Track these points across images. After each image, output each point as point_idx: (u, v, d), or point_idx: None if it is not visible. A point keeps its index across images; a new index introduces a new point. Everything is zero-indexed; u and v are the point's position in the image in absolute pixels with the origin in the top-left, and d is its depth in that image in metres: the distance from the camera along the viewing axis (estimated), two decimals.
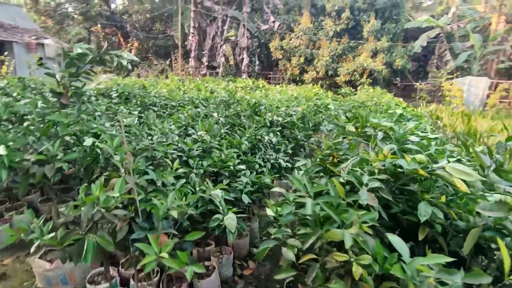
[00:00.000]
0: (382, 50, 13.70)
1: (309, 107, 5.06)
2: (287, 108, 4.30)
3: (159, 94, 6.71)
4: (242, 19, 18.13)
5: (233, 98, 6.46)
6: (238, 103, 4.37)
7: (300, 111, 4.28)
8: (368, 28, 13.82)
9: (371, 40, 13.93)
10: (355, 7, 14.05)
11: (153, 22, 20.03)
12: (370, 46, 13.74)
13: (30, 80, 6.79)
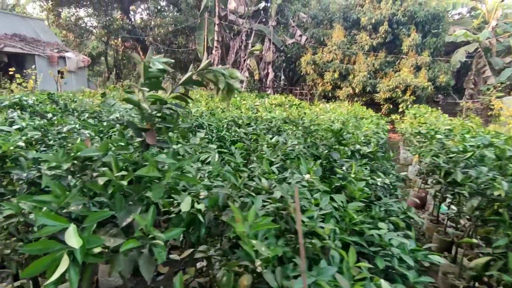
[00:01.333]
0: (424, 65, 13.00)
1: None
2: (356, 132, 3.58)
3: (200, 112, 6.15)
4: (267, 33, 17.90)
5: (302, 120, 5.79)
6: (315, 128, 3.67)
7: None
8: (409, 42, 13.20)
9: (412, 54, 13.27)
10: (394, 20, 13.52)
11: (175, 36, 20.12)
12: (411, 61, 13.07)
13: (59, 96, 6.35)
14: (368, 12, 13.78)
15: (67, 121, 4.10)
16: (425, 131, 5.11)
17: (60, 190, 1.45)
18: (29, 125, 2.86)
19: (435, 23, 13.96)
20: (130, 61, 29.34)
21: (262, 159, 2.79)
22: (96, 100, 7.39)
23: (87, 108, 5.54)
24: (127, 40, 24.58)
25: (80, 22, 27.13)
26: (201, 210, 1.60)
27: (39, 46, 20.87)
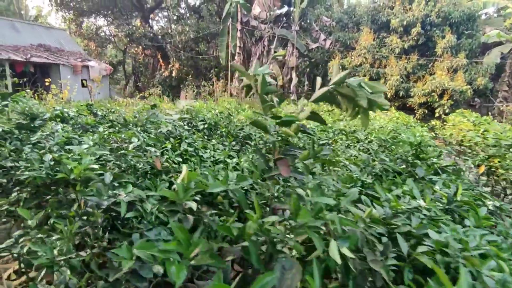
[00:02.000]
0: (460, 68, 12.41)
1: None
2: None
3: (241, 122, 5.91)
4: (291, 38, 17.70)
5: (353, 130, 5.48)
6: (393, 142, 3.34)
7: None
8: (443, 44, 12.65)
9: (447, 57, 12.71)
10: (427, 22, 13.02)
11: (196, 43, 20.23)
12: (446, 63, 12.51)
13: (98, 107, 6.27)
14: (399, 14, 13.34)
15: (117, 135, 3.94)
16: (493, 139, 4.70)
17: (184, 235, 1.21)
18: (96, 144, 2.68)
19: (469, 24, 13.36)
20: (147, 69, 29.83)
21: (353, 180, 2.50)
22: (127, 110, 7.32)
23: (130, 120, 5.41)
24: (147, 47, 24.97)
25: (101, 31, 27.86)
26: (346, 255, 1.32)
27: (63, 56, 21.47)
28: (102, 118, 5.97)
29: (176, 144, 3.68)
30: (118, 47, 27.80)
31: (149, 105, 5.90)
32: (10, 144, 3.16)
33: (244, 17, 17.91)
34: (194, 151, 3.77)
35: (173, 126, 3.86)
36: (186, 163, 3.51)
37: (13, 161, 3.16)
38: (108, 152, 2.45)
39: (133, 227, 2.25)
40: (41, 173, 2.42)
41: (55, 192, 2.56)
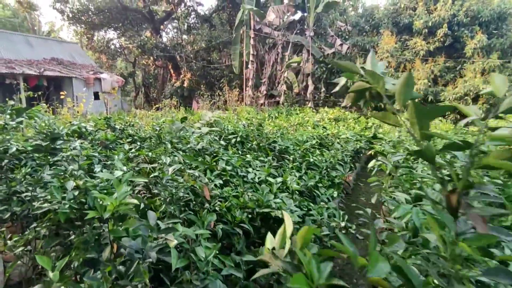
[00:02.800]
0: (492, 69, 11.71)
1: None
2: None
3: (274, 134, 5.41)
4: (305, 44, 17.30)
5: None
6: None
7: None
8: (473, 44, 12.01)
9: (478, 58, 12.04)
10: (454, 22, 12.44)
11: (208, 52, 20.06)
12: (477, 65, 11.83)
13: (115, 120, 5.87)
14: (422, 15, 12.80)
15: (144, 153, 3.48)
16: None
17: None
18: (129, 169, 2.20)
19: (500, 23, 12.71)
20: (157, 80, 29.90)
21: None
22: (146, 123, 6.91)
23: (153, 134, 4.97)
24: (158, 58, 25.02)
25: (111, 44, 28.17)
26: None
27: (75, 69, 21.62)
28: (121, 132, 5.58)
29: (213, 162, 3.19)
30: (128, 59, 27.99)
31: (172, 118, 5.47)
32: (25, 166, 2.72)
33: (257, 24, 17.65)
34: (232, 170, 3.27)
35: (207, 142, 3.38)
36: (227, 185, 3.01)
37: (28, 188, 2.72)
38: (145, 179, 1.97)
39: (183, 281, 1.74)
40: (63, 207, 1.95)
41: (80, 230, 2.09)
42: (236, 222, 2.37)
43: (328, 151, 5.31)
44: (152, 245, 1.57)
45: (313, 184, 3.61)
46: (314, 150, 5.04)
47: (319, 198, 3.60)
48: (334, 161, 4.69)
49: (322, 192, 3.65)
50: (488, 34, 12.61)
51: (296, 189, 3.13)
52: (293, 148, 4.54)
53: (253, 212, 2.60)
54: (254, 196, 2.73)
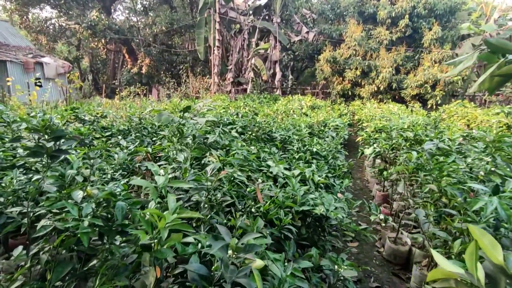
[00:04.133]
0: (445, 59, 12.71)
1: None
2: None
3: (268, 123, 5.15)
4: (273, 31, 17.05)
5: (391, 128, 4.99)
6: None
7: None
8: (430, 35, 12.85)
9: (435, 48, 12.95)
10: (414, 14, 13.14)
11: (168, 36, 18.73)
12: (434, 55, 12.73)
13: (86, 111, 5.12)
14: (386, 5, 13.31)
15: (144, 149, 2.99)
16: None
17: None
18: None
19: (451, 16, 13.78)
20: (107, 65, 27.39)
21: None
22: (122, 113, 6.16)
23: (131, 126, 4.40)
24: (109, 42, 22.73)
25: (52, 23, 24.95)
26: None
27: (9, 51, 18.69)
28: (91, 124, 4.88)
29: (229, 157, 2.85)
30: (71, 42, 25.06)
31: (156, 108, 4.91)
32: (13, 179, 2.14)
33: (222, 8, 16.86)
34: (250, 164, 2.97)
35: (219, 134, 3.01)
36: (250, 181, 2.70)
37: (19, 200, 2.14)
38: (189, 185, 1.59)
39: None
40: (83, 225, 1.51)
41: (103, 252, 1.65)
42: (282, 225, 2.11)
43: (319, 139, 5.22)
44: (232, 268, 1.24)
45: (329, 175, 3.47)
46: (311, 139, 4.91)
47: (335, 189, 3.47)
48: (334, 149, 4.61)
49: (337, 182, 3.53)
50: (442, 26, 13.61)
51: (322, 182, 2.94)
52: (294, 138, 4.35)
53: (291, 211, 2.35)
54: (287, 193, 2.47)
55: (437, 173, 2.56)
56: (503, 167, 2.52)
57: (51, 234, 1.79)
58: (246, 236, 1.33)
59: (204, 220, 1.87)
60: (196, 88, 17.85)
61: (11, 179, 2.49)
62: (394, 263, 3.60)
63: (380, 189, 5.58)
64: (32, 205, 1.68)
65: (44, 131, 1.60)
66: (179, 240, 1.53)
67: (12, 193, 2.20)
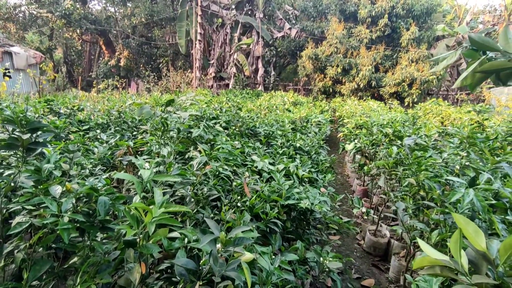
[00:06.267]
0: (422, 58, 13.20)
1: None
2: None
3: (251, 118, 5.15)
4: (255, 26, 16.97)
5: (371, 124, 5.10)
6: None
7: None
8: (408, 35, 13.28)
9: (412, 48, 13.40)
10: (393, 14, 13.51)
11: (148, 28, 18.17)
12: (411, 54, 13.18)
13: (62, 103, 4.90)
14: (367, 5, 13.60)
15: (125, 143, 2.89)
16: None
17: None
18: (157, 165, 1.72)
19: (428, 17, 14.30)
20: (82, 57, 26.24)
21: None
22: (100, 106, 5.92)
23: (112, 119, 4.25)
24: (85, 32, 21.73)
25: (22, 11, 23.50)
26: None
27: None
28: (67, 117, 4.66)
29: (213, 151, 2.81)
30: (43, 31, 23.75)
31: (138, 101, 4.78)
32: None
33: (204, 1, 16.57)
34: (235, 159, 2.95)
35: (204, 128, 2.97)
36: (236, 175, 2.69)
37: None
38: (176, 178, 1.56)
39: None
40: (63, 221, 1.44)
41: (84, 249, 1.58)
42: (269, 219, 2.12)
43: (301, 134, 5.29)
44: (220, 261, 1.23)
45: (313, 170, 3.52)
46: (294, 134, 4.95)
47: (318, 184, 3.52)
48: (317, 145, 4.68)
49: (320, 177, 3.59)
50: (419, 26, 14.11)
51: (306, 176, 2.98)
52: (278, 133, 4.37)
53: (276, 205, 2.37)
54: (272, 187, 2.49)
55: (415, 167, 2.65)
56: (476, 161, 2.66)
57: (26, 232, 1.71)
58: (235, 230, 1.32)
59: (190, 215, 1.85)
60: (177, 83, 17.49)
61: None
62: (374, 254, 3.73)
63: (360, 184, 5.73)
64: (5, 201, 1.58)
65: (19, 122, 1.50)
66: (165, 235, 1.50)
67: None
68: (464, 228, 0.84)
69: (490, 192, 1.95)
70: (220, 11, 17.26)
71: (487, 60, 1.11)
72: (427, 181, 2.35)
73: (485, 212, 1.73)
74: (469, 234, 0.83)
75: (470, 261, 0.87)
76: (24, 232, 1.70)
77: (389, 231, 3.81)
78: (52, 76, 6.97)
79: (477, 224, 1.79)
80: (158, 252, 1.63)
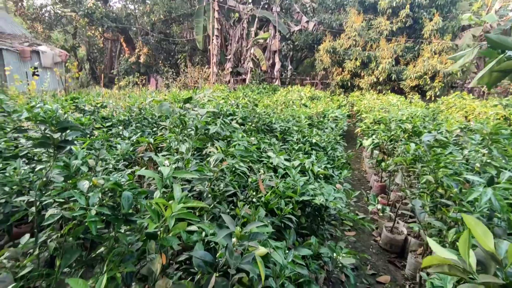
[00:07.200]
0: (446, 50, 12.66)
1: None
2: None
3: (268, 114, 5.17)
4: (272, 20, 16.84)
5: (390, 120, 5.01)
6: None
7: None
8: (431, 26, 12.75)
9: (435, 39, 12.87)
10: (415, 4, 13.00)
11: (166, 25, 18.45)
12: (434, 46, 12.66)
13: (86, 101, 5.11)
14: None
15: (146, 140, 3.01)
16: None
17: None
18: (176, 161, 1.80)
19: (453, 7, 13.65)
20: (104, 54, 27.01)
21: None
22: (121, 103, 6.14)
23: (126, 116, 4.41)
24: (107, 30, 22.37)
25: (47, 10, 24.46)
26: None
27: (4, 39, 18.39)
28: (91, 114, 4.87)
29: (230, 148, 2.88)
30: (67, 30, 24.63)
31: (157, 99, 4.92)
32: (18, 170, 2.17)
33: None
34: (251, 155, 3.00)
35: (220, 125, 3.04)
36: (251, 171, 2.74)
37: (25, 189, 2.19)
38: (194, 175, 1.63)
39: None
40: (91, 214, 1.55)
41: (110, 240, 1.69)
42: (283, 214, 2.16)
43: (318, 130, 5.26)
44: (236, 255, 1.29)
45: (328, 166, 3.52)
46: (310, 130, 4.94)
47: (334, 180, 3.52)
48: (333, 140, 4.65)
49: (336, 173, 3.58)
50: (443, 16, 13.50)
51: (321, 173, 2.99)
52: (294, 129, 4.38)
53: (291, 201, 2.41)
54: (287, 183, 2.52)
55: (434, 164, 2.61)
56: (499, 158, 2.58)
57: (57, 223, 1.85)
58: (250, 225, 1.37)
59: (207, 210, 1.92)
60: (195, 78, 17.72)
61: (15, 169, 2.52)
62: (390, 251, 3.70)
63: (377, 180, 5.66)
64: (39, 194, 1.72)
65: (50, 122, 1.62)
66: (184, 229, 1.58)
67: (17, 183, 2.23)
68: (473, 229, 0.85)
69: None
70: (237, 6, 17.23)
71: (505, 59, 1.09)
72: (445, 178, 2.31)
73: (504, 212, 1.69)
74: (478, 234, 0.84)
75: (479, 261, 0.88)
76: (55, 223, 1.84)
77: (406, 228, 3.77)
78: (77, 74, 7.29)
79: (495, 224, 1.76)
80: (177, 245, 1.72)
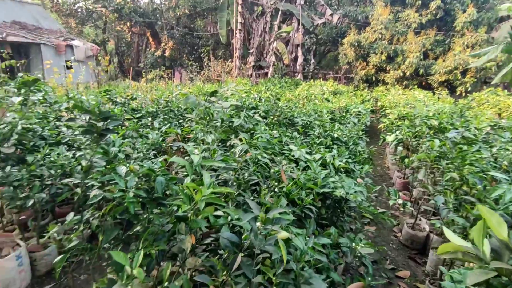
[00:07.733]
0: (480, 43, 11.97)
1: None
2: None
3: (290, 108, 5.21)
4: (295, 13, 16.63)
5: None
6: None
7: None
8: (464, 18, 12.08)
9: (468, 32, 12.19)
10: None
11: (191, 19, 18.74)
12: (467, 39, 12.00)
13: (117, 93, 5.39)
14: None
15: (174, 131, 3.17)
16: None
17: None
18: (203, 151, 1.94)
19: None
20: (131, 48, 27.87)
21: None
22: (148, 95, 6.42)
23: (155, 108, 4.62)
24: (134, 25, 23.09)
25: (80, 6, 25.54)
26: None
27: (42, 34, 19.48)
28: (122, 106, 5.14)
29: (252, 140, 2.98)
30: (97, 25, 25.63)
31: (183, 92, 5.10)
32: (37, 147, 2.39)
33: None
34: (273, 147, 3.09)
35: (244, 118, 3.14)
36: (273, 163, 2.83)
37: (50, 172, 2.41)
38: (221, 163, 1.75)
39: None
40: (129, 196, 1.71)
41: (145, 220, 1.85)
42: (304, 204, 2.24)
43: (340, 125, 5.24)
44: (260, 237, 1.40)
45: (349, 160, 3.53)
46: (332, 125, 4.94)
47: (355, 174, 3.53)
48: (355, 135, 4.63)
49: (357, 168, 3.59)
50: (478, 7, 12.73)
51: (342, 166, 3.03)
52: (316, 123, 4.41)
53: (312, 193, 2.47)
54: (308, 175, 2.59)
55: (459, 161, 2.57)
56: None
57: (97, 203, 2.04)
58: (272, 211, 1.47)
59: (232, 197, 2.04)
60: (218, 72, 17.95)
61: (58, 154, 2.77)
62: (411, 247, 3.68)
63: (400, 176, 5.57)
64: (83, 177, 1.90)
65: (94, 112, 1.79)
66: (211, 213, 1.70)
67: (60, 167, 2.44)
68: (488, 219, 0.89)
69: None
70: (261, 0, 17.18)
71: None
72: (470, 176, 2.28)
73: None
74: (493, 224, 0.89)
75: (493, 249, 0.93)
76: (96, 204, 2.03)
77: (429, 225, 3.72)
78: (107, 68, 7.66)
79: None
80: (204, 227, 1.86)
